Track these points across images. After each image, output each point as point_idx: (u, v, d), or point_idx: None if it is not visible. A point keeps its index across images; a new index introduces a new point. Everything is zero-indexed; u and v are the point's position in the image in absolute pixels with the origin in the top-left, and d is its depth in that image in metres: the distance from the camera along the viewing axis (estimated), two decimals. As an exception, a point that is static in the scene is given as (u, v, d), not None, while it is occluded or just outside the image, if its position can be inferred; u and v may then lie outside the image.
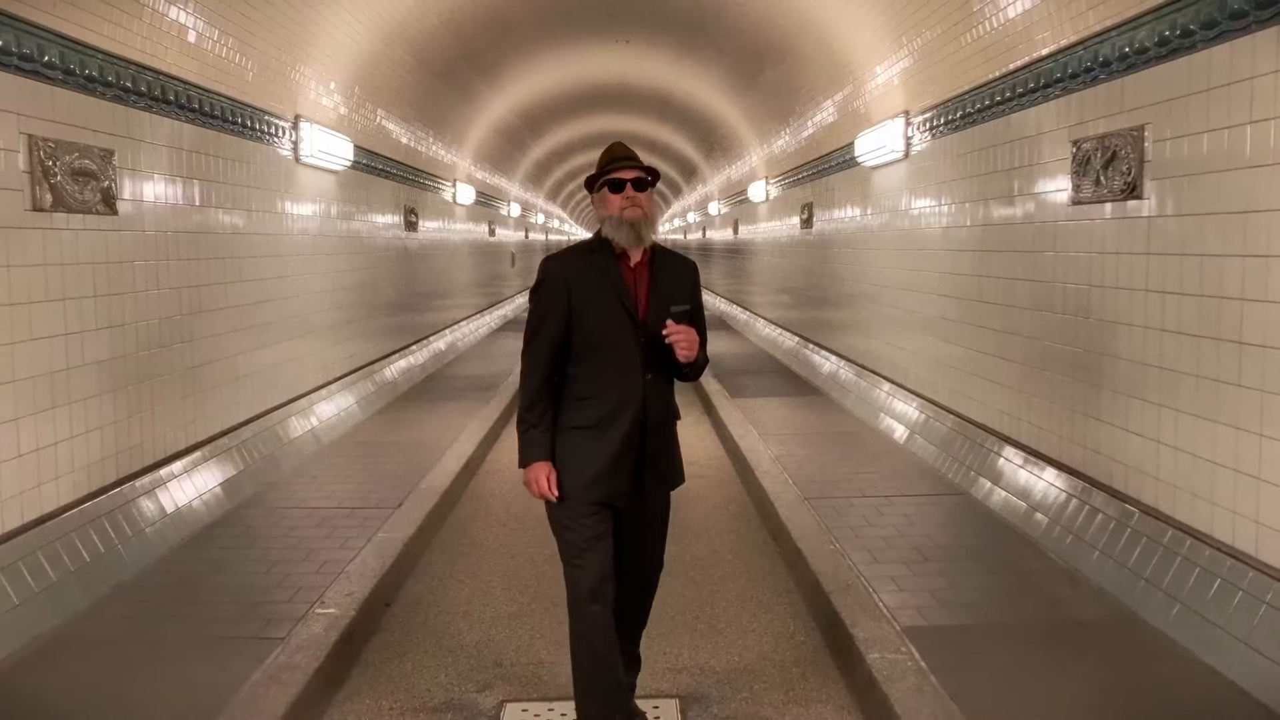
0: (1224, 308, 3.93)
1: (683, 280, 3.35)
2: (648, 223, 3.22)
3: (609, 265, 3.24)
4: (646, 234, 3.22)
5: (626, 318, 3.20)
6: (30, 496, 4.37)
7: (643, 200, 3.21)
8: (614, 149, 3.33)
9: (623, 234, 3.20)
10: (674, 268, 3.36)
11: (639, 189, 3.22)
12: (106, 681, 3.65)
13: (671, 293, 3.28)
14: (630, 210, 3.18)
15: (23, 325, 4.33)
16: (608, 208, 3.22)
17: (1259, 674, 3.47)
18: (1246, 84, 3.75)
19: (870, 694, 3.71)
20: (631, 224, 3.18)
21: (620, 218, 3.19)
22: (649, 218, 3.23)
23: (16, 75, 4.25)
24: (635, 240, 3.21)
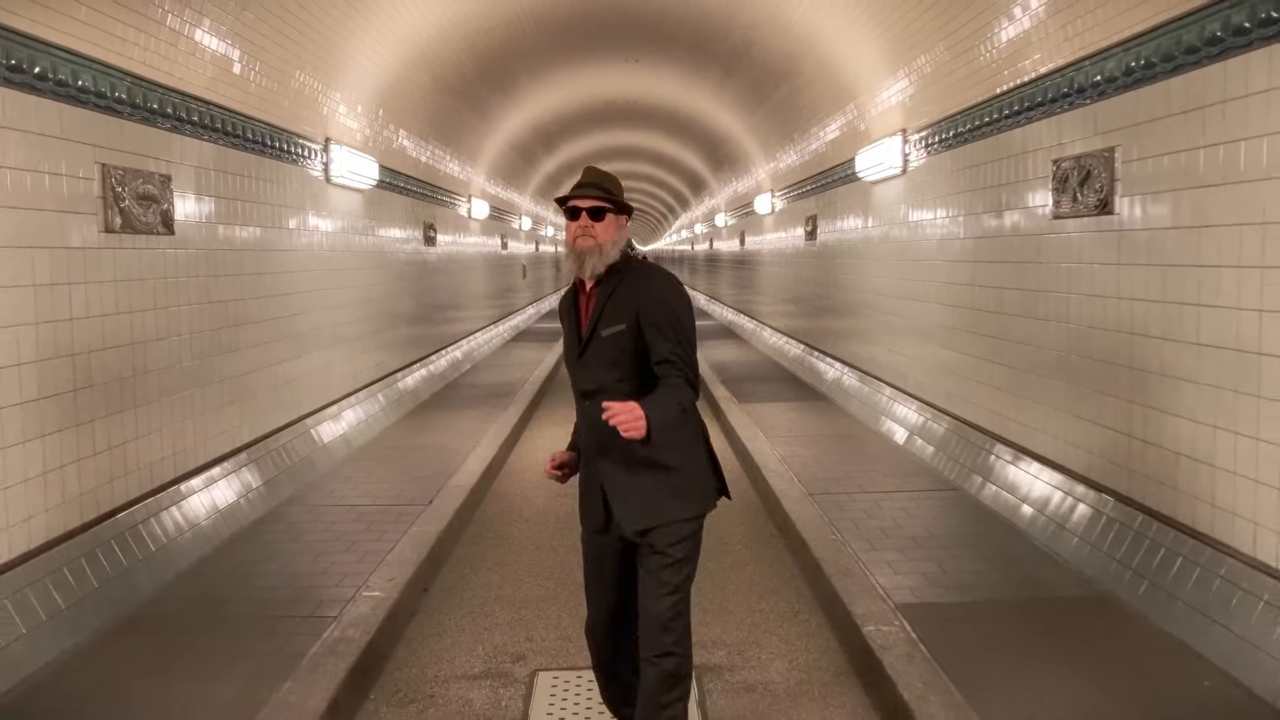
0: (1184, 313, 4.35)
1: (633, 299, 3.08)
2: (597, 252, 3.10)
3: (569, 295, 3.28)
4: (590, 264, 3.10)
5: (574, 344, 3.20)
6: (104, 492, 4.82)
7: (597, 229, 3.11)
8: (585, 172, 3.24)
9: (570, 262, 3.15)
10: (629, 286, 3.11)
11: (595, 218, 3.12)
12: (181, 652, 4.08)
13: (609, 316, 3.10)
14: (582, 239, 3.11)
15: (97, 336, 4.78)
16: (566, 234, 3.19)
17: (1208, 638, 3.88)
18: (1199, 112, 4.18)
19: (866, 661, 4.14)
20: (577, 253, 3.11)
21: (571, 245, 3.14)
22: (600, 247, 3.11)
23: (93, 111, 4.71)
24: (579, 268, 3.12)
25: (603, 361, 3.10)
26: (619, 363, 3.08)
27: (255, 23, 6.24)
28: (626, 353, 3.06)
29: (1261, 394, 3.84)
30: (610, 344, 3.08)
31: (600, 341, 3.09)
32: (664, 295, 3.09)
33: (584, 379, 3.16)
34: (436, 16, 8.84)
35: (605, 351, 3.09)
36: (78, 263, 4.63)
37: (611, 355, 3.08)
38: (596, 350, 3.10)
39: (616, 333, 3.06)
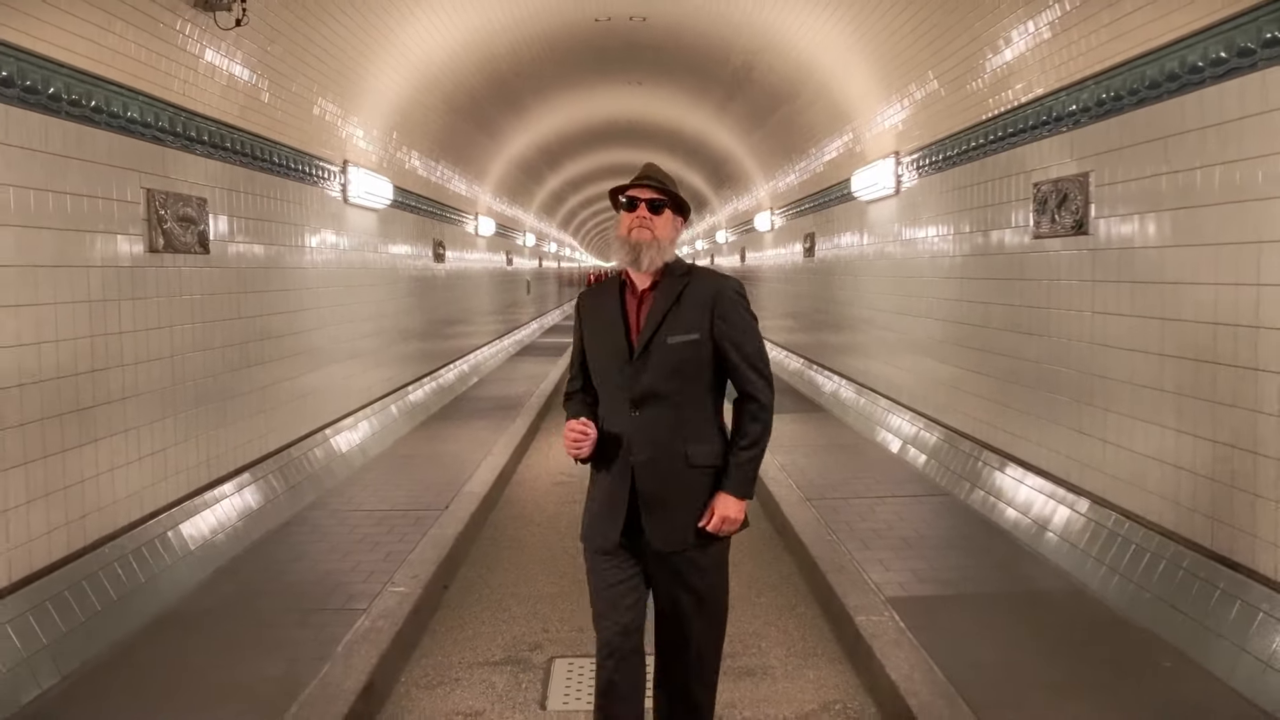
0: (1148, 326, 4.71)
1: (699, 305, 2.97)
2: (655, 246, 2.98)
3: (613, 293, 3.09)
4: (647, 257, 2.97)
5: (622, 347, 3.00)
6: (149, 494, 5.17)
7: (655, 223, 2.99)
8: (643, 168, 3.13)
9: (623, 254, 3.01)
10: (700, 293, 2.99)
11: (654, 210, 3.00)
12: (227, 639, 4.43)
13: (679, 320, 2.96)
14: (638, 231, 2.98)
15: (143, 348, 5.14)
16: (620, 227, 3.05)
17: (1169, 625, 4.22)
18: (1161, 142, 4.55)
19: (857, 646, 4.48)
20: (633, 245, 2.98)
21: (626, 237, 3.00)
22: (658, 241, 2.98)
23: (139, 139, 5.08)
24: (633, 262, 3.00)
25: (662, 370, 2.93)
26: (682, 372, 2.95)
27: (283, 54, 6.63)
28: (693, 363, 2.94)
29: (1217, 400, 4.19)
30: (675, 353, 2.93)
31: (664, 349, 2.93)
32: (742, 307, 3.01)
33: (634, 385, 2.96)
34: (449, 42, 9.23)
35: (668, 360, 2.93)
36: (126, 280, 4.99)
37: (674, 364, 2.93)
38: (657, 357, 2.93)
39: (687, 342, 2.93)
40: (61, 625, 4.17)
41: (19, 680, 3.81)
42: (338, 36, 7.30)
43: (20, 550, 4.10)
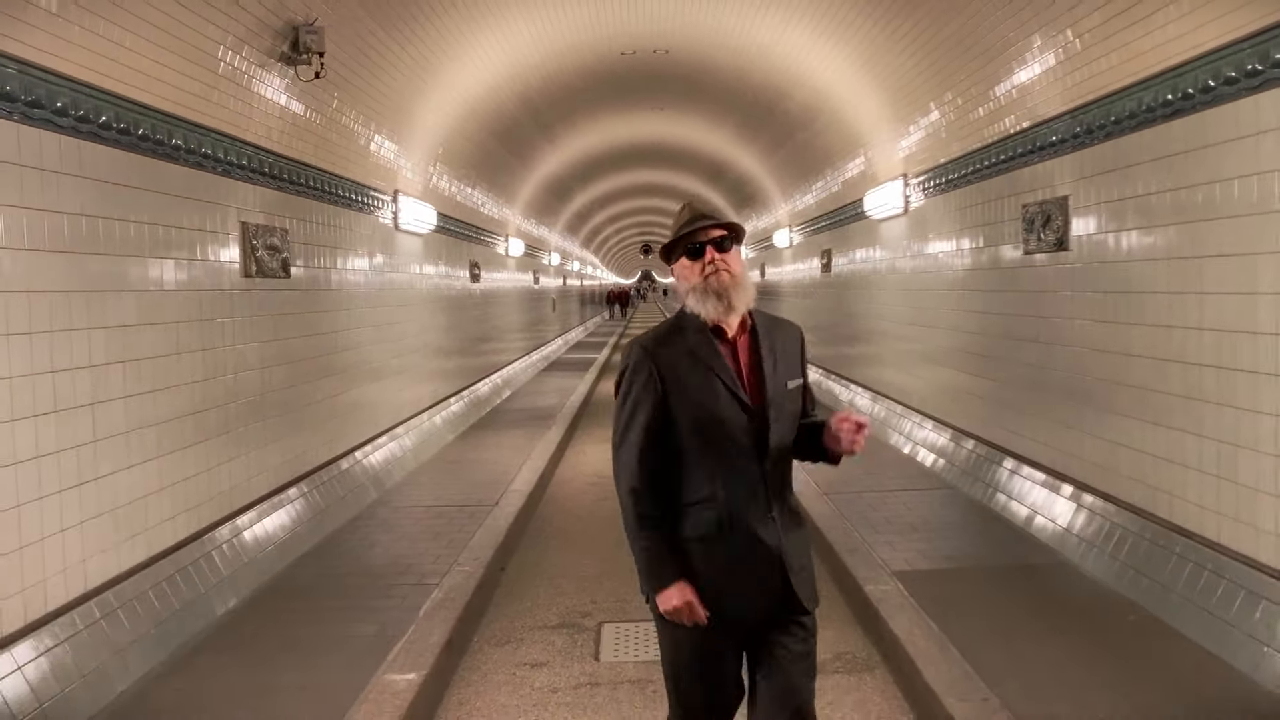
0: (1118, 330, 5.39)
1: (791, 349, 2.84)
2: (739, 285, 2.72)
3: (703, 344, 2.73)
4: (740, 300, 2.72)
5: (734, 403, 2.69)
6: (241, 489, 5.92)
7: (730, 262, 2.74)
8: (691, 208, 2.85)
9: (710, 305, 2.71)
10: (780, 336, 2.84)
11: (722, 250, 2.74)
12: (323, 608, 5.16)
13: (783, 367, 2.78)
14: (717, 277, 2.71)
15: (239, 360, 5.90)
16: (689, 277, 2.76)
17: (1139, 588, 4.89)
18: (1117, 173, 5.25)
19: (865, 610, 5.17)
20: (718, 292, 2.70)
21: (705, 286, 2.72)
22: (739, 281, 2.73)
23: (236, 180, 5.86)
24: (727, 310, 2.71)
25: (786, 418, 2.76)
26: (794, 420, 2.80)
27: (350, 100, 7.42)
28: (796, 410, 2.82)
29: (1170, 392, 4.87)
30: (793, 399, 2.78)
31: (784, 395, 2.75)
32: (804, 344, 2.92)
33: (766, 440, 2.70)
34: (488, 77, 10.02)
35: (786, 406, 2.76)
36: (225, 303, 5.75)
37: (792, 410, 2.79)
38: (779, 405, 2.73)
39: (798, 388, 2.81)
40: (186, 594, 4.92)
41: (169, 631, 4.57)
42: (394, 80, 8.09)
43: (156, 530, 4.85)
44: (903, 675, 4.47)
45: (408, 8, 7.39)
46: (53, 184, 4.10)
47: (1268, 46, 4.00)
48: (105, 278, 4.47)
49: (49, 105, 4.04)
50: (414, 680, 4.24)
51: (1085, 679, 4.06)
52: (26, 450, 3.88)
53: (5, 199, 3.80)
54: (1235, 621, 4.20)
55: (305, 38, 6.16)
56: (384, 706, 3.98)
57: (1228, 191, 4.36)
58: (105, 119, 4.44)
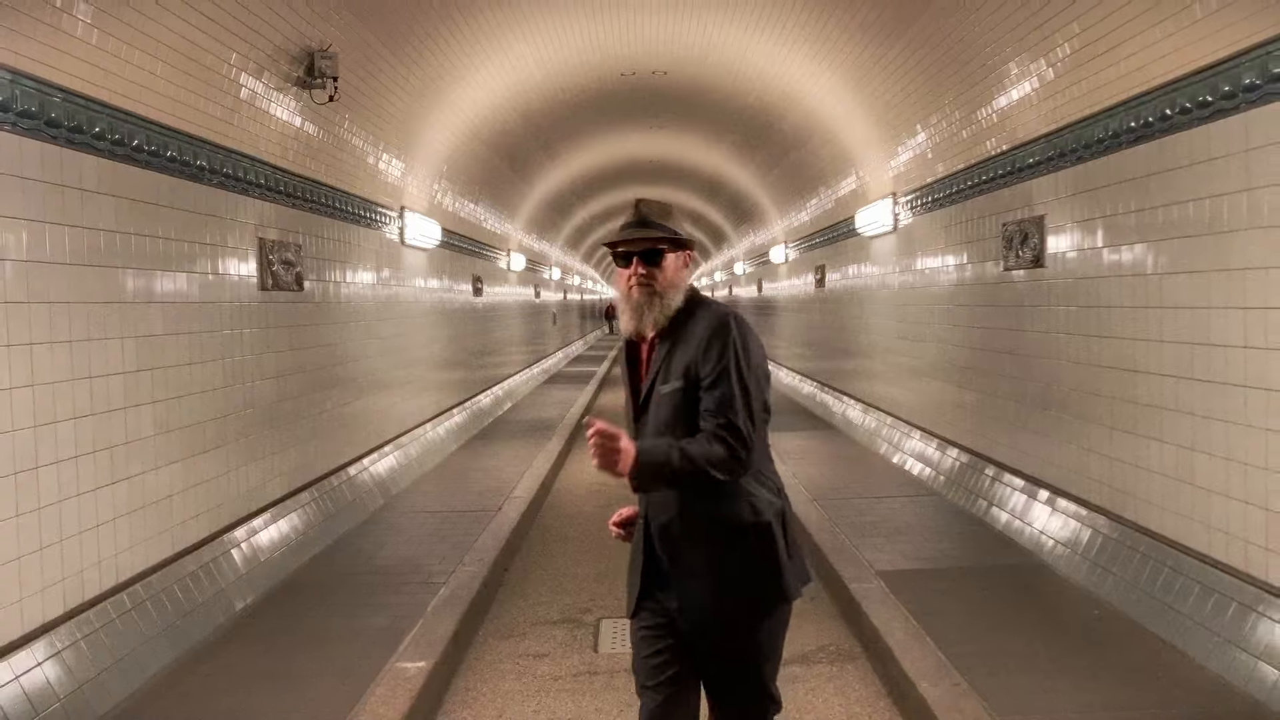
0: (1089, 342, 5.71)
1: (689, 347, 2.65)
2: (658, 303, 2.68)
3: (631, 345, 2.87)
4: (650, 318, 2.68)
5: (633, 403, 2.82)
6: (258, 492, 6.22)
7: (655, 276, 2.68)
8: (636, 210, 2.78)
9: (626, 317, 2.74)
10: (688, 334, 2.68)
11: (650, 262, 2.68)
12: (337, 603, 5.46)
13: (670, 371, 2.68)
14: (636, 290, 2.68)
15: (256, 369, 6.21)
16: (616, 284, 2.77)
17: (1105, 586, 5.19)
18: (1086, 194, 5.58)
19: (850, 607, 5.47)
20: (634, 306, 2.70)
21: (625, 297, 2.72)
22: (659, 296, 2.68)
23: (254, 199, 6.18)
24: (637, 325, 2.72)
25: (659, 423, 2.68)
26: (676, 424, 2.65)
27: (362, 120, 7.76)
28: (684, 413, 2.63)
29: (1136, 401, 5.18)
30: (666, 402, 2.67)
31: (659, 399, 2.69)
32: (721, 337, 2.62)
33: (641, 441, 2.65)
34: (492, 97, 10.36)
35: (661, 411, 2.69)
36: (243, 314, 6.06)
37: (667, 416, 2.67)
38: (654, 410, 2.71)
39: (672, 390, 2.65)
40: (209, 589, 5.22)
41: (194, 623, 4.86)
42: (401, 101, 8.42)
43: (180, 528, 5.14)
44: (881, 664, 4.77)
45: (415, 33, 7.72)
46: (92, 202, 4.41)
47: (1217, 80, 4.32)
48: (136, 290, 4.78)
49: (89, 130, 4.36)
50: (424, 668, 4.54)
51: (1049, 667, 4.35)
52: (68, 450, 4.19)
53: (51, 217, 4.11)
54: (1191, 614, 4.49)
55: (320, 63, 6.49)
56: (397, 691, 4.28)
57: (1184, 213, 4.68)
58: (138, 142, 4.76)
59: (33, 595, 3.95)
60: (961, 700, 4.05)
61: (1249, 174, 4.19)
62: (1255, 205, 4.15)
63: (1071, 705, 3.97)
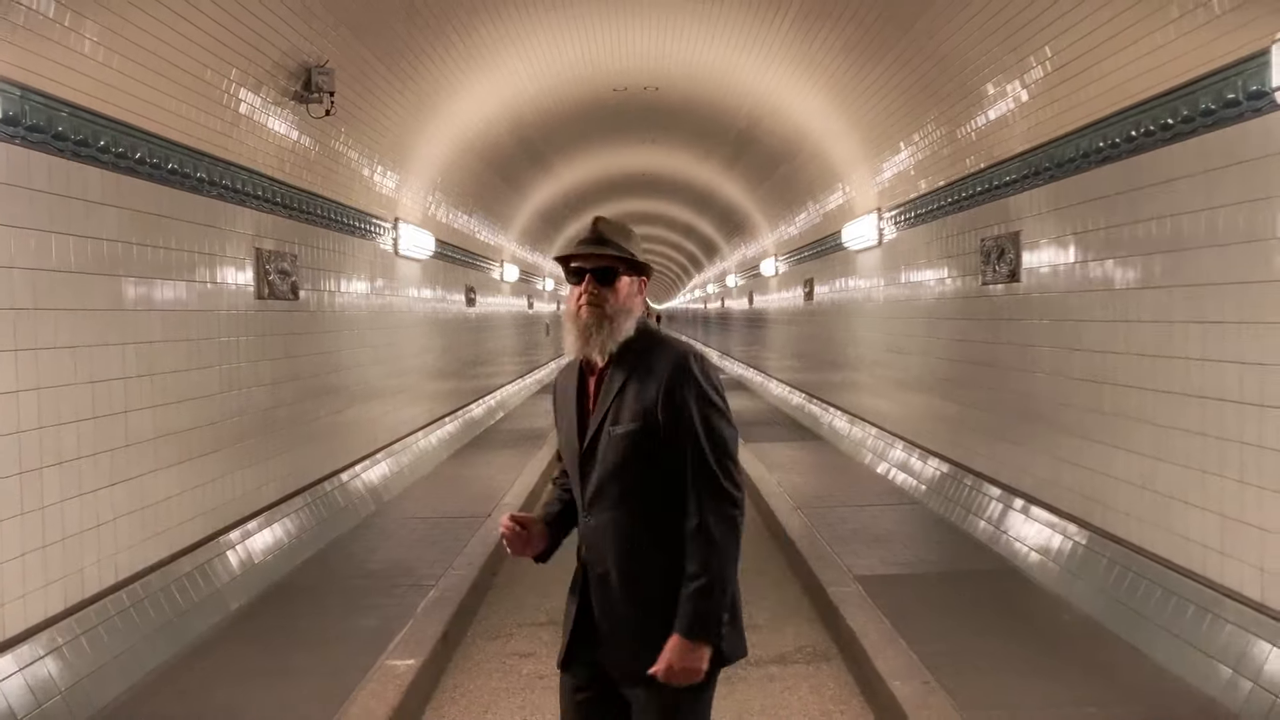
0: (1060, 355, 5.89)
1: (647, 389, 2.48)
2: (608, 326, 2.50)
3: (575, 374, 2.65)
4: (598, 342, 2.50)
5: (574, 438, 2.58)
6: (253, 496, 6.36)
7: (606, 297, 2.51)
8: (594, 226, 2.61)
9: (572, 337, 2.55)
10: (644, 372, 2.50)
11: (603, 281, 2.52)
12: (330, 604, 5.60)
13: (623, 411, 2.49)
14: (586, 310, 2.51)
15: (252, 376, 6.36)
16: (567, 301, 2.59)
17: (1073, 590, 5.36)
18: (1058, 211, 5.77)
19: (828, 609, 5.63)
20: (582, 327, 2.51)
21: (575, 316, 2.53)
22: (610, 319, 2.50)
23: (251, 209, 6.34)
24: (583, 348, 2.53)
25: (608, 468, 2.50)
26: (632, 470, 2.49)
27: (356, 133, 7.93)
28: (646, 457, 2.47)
29: (1103, 411, 5.36)
30: (618, 446, 2.48)
31: (609, 441, 2.50)
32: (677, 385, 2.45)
33: (585, 484, 2.56)
34: (486, 110, 10.55)
35: (614, 454, 2.49)
36: (240, 323, 6.22)
37: (620, 460, 2.49)
38: (605, 451, 2.51)
39: (626, 433, 2.47)
40: (204, 590, 5.36)
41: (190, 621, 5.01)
42: (396, 115, 8.60)
43: (177, 530, 5.29)
44: (856, 664, 4.94)
45: (410, 49, 7.90)
46: (96, 213, 4.58)
47: (1177, 104, 4.51)
48: (137, 298, 4.94)
49: (94, 143, 4.52)
50: (413, 665, 4.69)
51: (1017, 666, 4.52)
52: (70, 451, 4.34)
53: (57, 227, 4.28)
54: (1153, 616, 4.66)
55: (317, 78, 6.66)
56: (387, 686, 4.43)
57: (1148, 231, 4.87)
58: (140, 155, 4.92)
59: (36, 590, 4.10)
60: (930, 697, 4.21)
61: (1208, 194, 4.38)
62: (1212, 224, 4.34)
63: (1035, 701, 4.13)
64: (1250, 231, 4.08)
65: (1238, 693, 3.96)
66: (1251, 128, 4.03)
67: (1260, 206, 4.01)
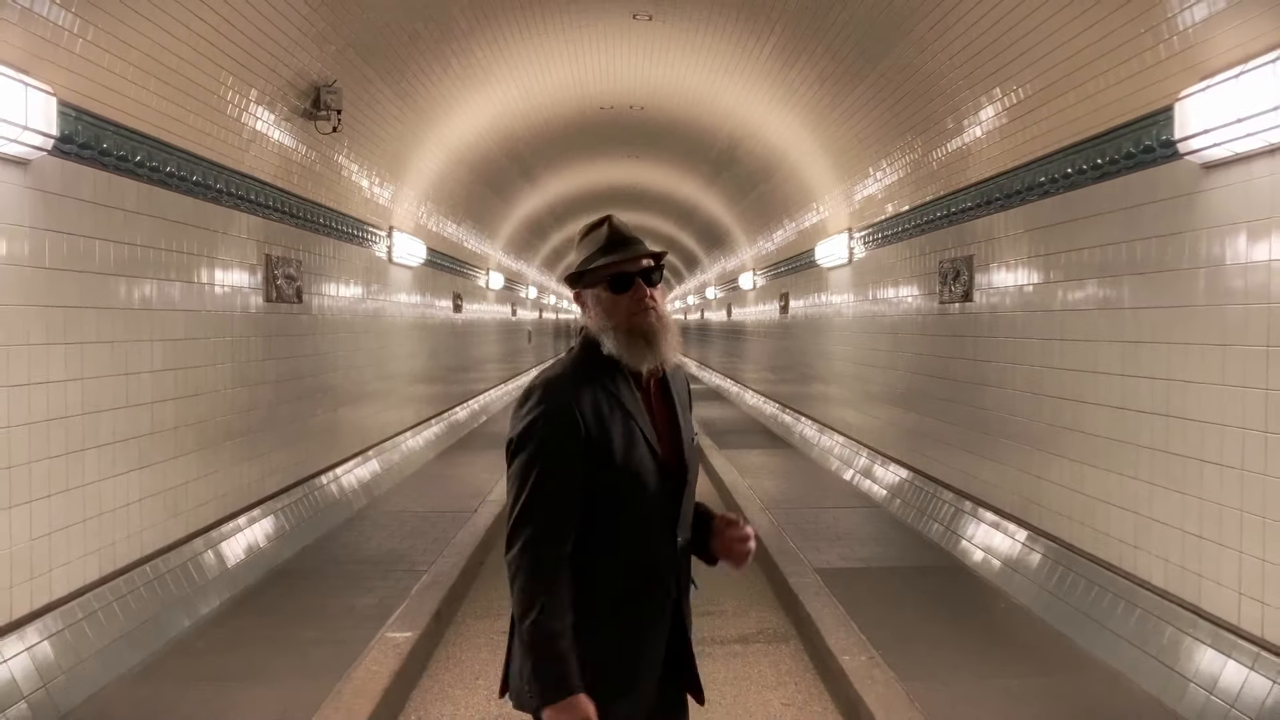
0: (1005, 369, 6.44)
1: (686, 396, 2.51)
2: (668, 331, 2.32)
3: (624, 390, 2.33)
4: (667, 349, 2.32)
5: (651, 460, 2.30)
6: (256, 486, 6.82)
7: (658, 300, 2.32)
8: (611, 229, 2.37)
9: (638, 352, 2.29)
10: (680, 382, 2.50)
11: (651, 283, 2.33)
12: (329, 586, 6.07)
13: (689, 420, 2.46)
14: (641, 317, 2.29)
15: (259, 374, 6.83)
16: (610, 315, 2.31)
17: (1013, 584, 5.89)
18: (1008, 237, 6.33)
19: (789, 598, 6.15)
20: (647, 337, 2.29)
21: (632, 327, 2.29)
22: (667, 325, 2.33)
23: (260, 218, 6.81)
24: (654, 358, 2.31)
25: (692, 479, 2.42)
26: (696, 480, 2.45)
27: (358, 148, 8.42)
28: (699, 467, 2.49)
29: (1044, 420, 5.91)
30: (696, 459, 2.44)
31: (695, 454, 2.43)
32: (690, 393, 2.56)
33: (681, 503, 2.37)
34: (477, 125, 11.06)
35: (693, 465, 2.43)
36: (251, 323, 6.69)
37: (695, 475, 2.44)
38: (692, 462, 2.41)
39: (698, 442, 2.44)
40: (216, 568, 5.82)
41: (204, 596, 5.47)
42: (394, 130, 9.10)
43: (193, 513, 5.76)
44: (811, 644, 5.46)
45: (410, 69, 8.40)
46: (131, 221, 5.05)
47: (1105, 146, 5.07)
48: (164, 298, 5.41)
49: (132, 158, 5.00)
50: (410, 637, 5.17)
51: (954, 646, 5.04)
52: (107, 436, 4.81)
53: (100, 233, 4.75)
54: (1078, 604, 5.21)
55: (326, 96, 7.16)
56: (387, 654, 4.91)
57: (1081, 259, 5.42)
58: (170, 168, 5.40)
59: (77, 560, 4.56)
60: (874, 670, 4.73)
61: (1128, 228, 4.93)
62: (1131, 254, 4.90)
63: (967, 674, 4.66)
64: (1161, 262, 4.64)
65: (1141, 669, 4.49)
66: (1162, 172, 4.58)
67: (1168, 241, 4.57)
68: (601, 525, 2.28)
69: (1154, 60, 4.55)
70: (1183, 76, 4.32)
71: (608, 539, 2.28)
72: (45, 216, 4.34)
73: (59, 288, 4.44)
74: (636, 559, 2.31)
